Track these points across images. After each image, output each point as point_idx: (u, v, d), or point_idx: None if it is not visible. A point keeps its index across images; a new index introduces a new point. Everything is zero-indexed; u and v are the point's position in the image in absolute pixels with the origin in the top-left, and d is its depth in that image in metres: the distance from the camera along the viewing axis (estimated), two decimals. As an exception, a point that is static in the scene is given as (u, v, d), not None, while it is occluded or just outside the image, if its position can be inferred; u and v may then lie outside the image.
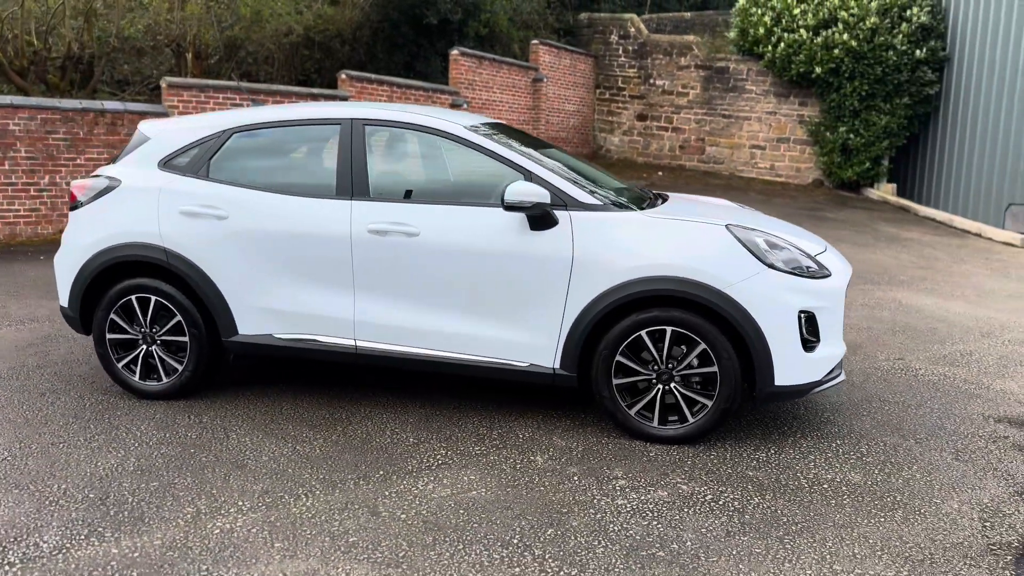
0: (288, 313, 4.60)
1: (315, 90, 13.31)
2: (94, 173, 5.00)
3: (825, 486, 3.82)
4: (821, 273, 4.22)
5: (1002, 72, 15.48)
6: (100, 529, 3.32)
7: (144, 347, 4.83)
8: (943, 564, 3.14)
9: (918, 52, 16.51)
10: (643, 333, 4.16)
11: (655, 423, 4.25)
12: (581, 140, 20.01)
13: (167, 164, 4.82)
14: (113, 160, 5.39)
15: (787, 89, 18.11)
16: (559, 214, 4.24)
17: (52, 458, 4.00)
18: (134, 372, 4.86)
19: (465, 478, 3.83)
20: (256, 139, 4.85)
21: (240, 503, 3.57)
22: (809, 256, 4.27)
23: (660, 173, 18.46)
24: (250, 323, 4.66)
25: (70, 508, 3.49)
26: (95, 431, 4.37)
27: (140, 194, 4.77)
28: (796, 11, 17.13)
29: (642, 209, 4.43)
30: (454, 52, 15.99)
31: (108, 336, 4.84)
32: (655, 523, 3.43)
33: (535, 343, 4.32)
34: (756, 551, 3.21)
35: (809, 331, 4.14)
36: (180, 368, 4.78)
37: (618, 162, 19.62)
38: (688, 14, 23.33)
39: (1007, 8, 15.38)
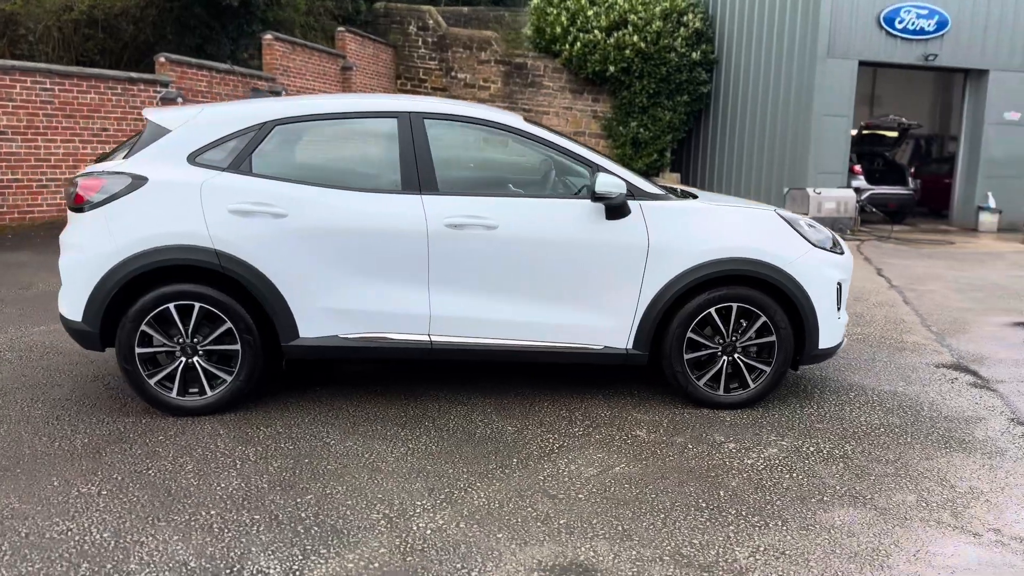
0: (355, 312, 4.47)
1: (133, 74, 12.17)
2: (104, 169, 4.46)
3: (881, 428, 4.52)
4: (841, 249, 4.92)
5: (756, 72, 17.82)
6: (310, 548, 3.15)
7: (183, 359, 4.43)
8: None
9: (694, 54, 18.47)
10: (712, 310, 4.60)
11: (721, 391, 4.72)
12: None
13: (198, 159, 4.44)
14: (104, 156, 4.84)
15: (582, 86, 19.39)
16: (631, 203, 4.55)
17: (170, 488, 3.63)
18: (170, 388, 4.44)
19: (595, 458, 4.05)
20: (301, 132, 4.62)
21: (419, 502, 3.52)
22: (831, 236, 4.96)
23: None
24: (313, 325, 4.46)
25: (251, 533, 3.24)
26: (181, 454, 3.98)
27: (176, 192, 4.36)
28: (590, 12, 18.39)
29: (694, 198, 4.87)
30: (267, 36, 15.30)
31: (137, 351, 4.37)
32: (794, 474, 3.90)
33: (609, 326, 4.60)
34: (885, 481, 3.78)
35: (838, 300, 4.84)
36: (229, 379, 4.46)
37: (422, 153, 19.77)
38: (465, 8, 23.87)
39: (759, 16, 17.70)
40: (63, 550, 3.09)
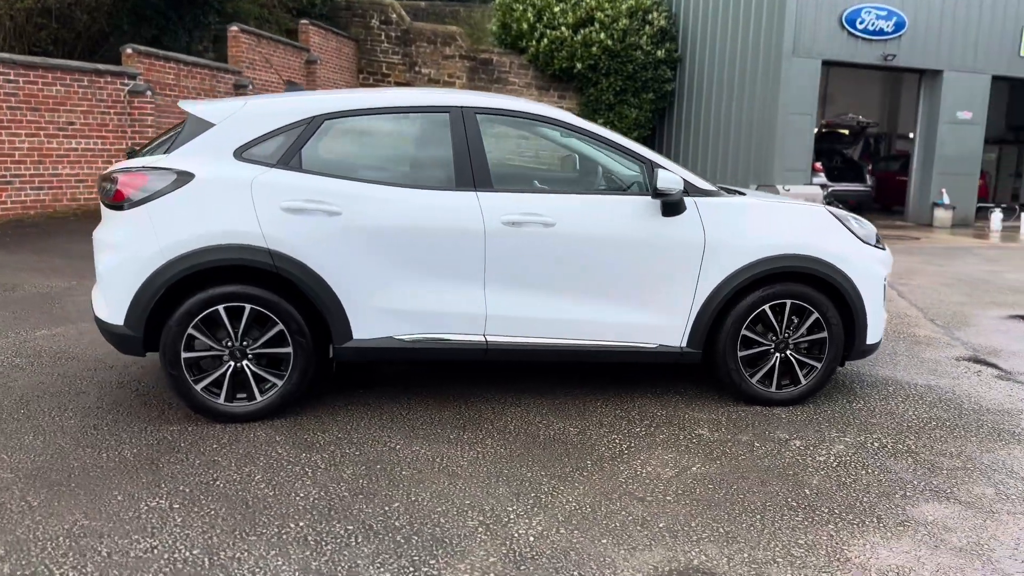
0: (411, 312, 4.34)
1: (100, 65, 11.69)
2: (145, 165, 4.23)
3: (932, 422, 4.58)
4: (883, 244, 4.97)
5: (720, 70, 18.07)
6: (418, 558, 3.02)
7: (232, 364, 4.24)
8: None
9: (659, 52, 18.62)
10: (766, 307, 4.61)
11: (773, 388, 4.73)
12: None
13: (244, 154, 4.25)
14: (139, 151, 4.61)
15: (548, 83, 19.37)
16: (685, 200, 4.52)
17: (245, 499, 3.46)
18: (218, 394, 4.25)
19: (667, 458, 4.00)
20: (351, 127, 4.47)
21: (509, 508, 3.41)
22: (875, 232, 5.00)
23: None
24: (367, 326, 4.32)
25: (351, 545, 3.10)
26: (244, 463, 3.80)
27: (226, 189, 4.17)
28: (556, 8, 18.39)
29: (741, 194, 4.86)
30: (233, 28, 14.89)
31: (183, 355, 4.17)
32: (869, 470, 3.91)
33: (664, 324, 4.57)
34: (958, 475, 3.82)
35: (884, 296, 4.89)
36: (280, 383, 4.28)
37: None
38: (423, 3, 23.63)
39: (722, 16, 17.95)
40: (155, 569, 2.91)
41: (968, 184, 18.34)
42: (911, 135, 24.43)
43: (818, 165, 18.02)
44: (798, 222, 4.72)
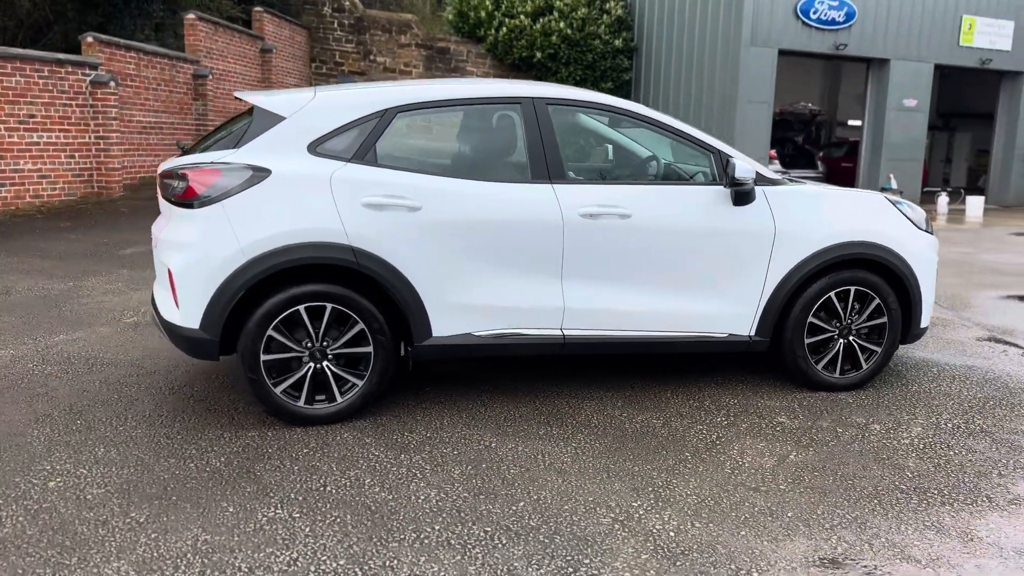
0: (489, 308, 4.28)
1: (60, 55, 11.13)
2: (215, 160, 4.04)
3: (989, 401, 4.74)
4: (932, 229, 5.10)
5: (678, 60, 18.31)
6: (572, 558, 2.99)
7: (312, 365, 4.11)
8: None
9: (617, 42, 18.76)
10: (832, 294, 4.69)
11: (836, 374, 4.82)
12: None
13: (319, 148, 4.10)
14: (190, 147, 4.41)
15: (507, 72, 19.30)
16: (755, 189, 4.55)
17: (368, 505, 3.35)
18: (297, 397, 4.12)
19: (760, 447, 4.04)
20: (422, 119, 4.37)
21: (634, 503, 3.39)
22: (926, 217, 5.12)
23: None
24: (447, 323, 4.23)
25: (500, 547, 3.03)
26: (347, 467, 3.69)
27: (305, 185, 4.02)
28: (515, -3, 18.31)
29: (801, 182, 4.93)
30: (190, 16, 14.39)
31: (263, 358, 4.02)
32: (956, 450, 4.02)
33: (734, 313, 4.61)
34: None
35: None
36: (360, 383, 4.17)
37: (341, 139, 19.16)
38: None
39: (679, 5, 18.18)
40: (308, 583, 2.80)
41: (914, 169, 19.04)
42: (850, 122, 25.24)
43: (773, 153, 18.44)
44: (860, 209, 4.81)
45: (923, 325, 4.93)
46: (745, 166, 4.37)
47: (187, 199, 3.96)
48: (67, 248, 8.69)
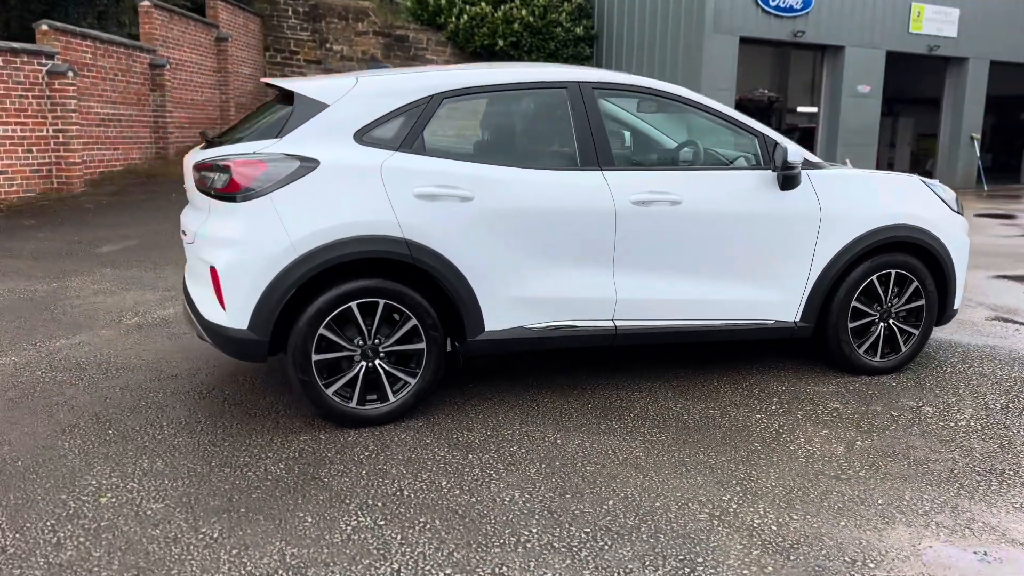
0: (541, 300, 4.15)
1: (15, 44, 10.55)
2: (259, 151, 3.81)
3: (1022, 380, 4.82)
4: (962, 210, 5.13)
5: (640, 47, 18.34)
6: (680, 558, 2.90)
7: (364, 364, 3.93)
8: None
9: (578, 29, 18.68)
10: (874, 278, 4.68)
11: (878, 357, 4.82)
12: (255, 106, 18.62)
13: (366, 136, 3.91)
14: (215, 140, 4.18)
15: (466, 60, 19.05)
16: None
17: (453, 508, 3.20)
18: (349, 397, 3.93)
19: (824, 435, 3.99)
20: (470, 105, 4.20)
21: (724, 497, 3.32)
22: (957, 198, 5.14)
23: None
24: (499, 317, 4.09)
25: (613, 548, 2.93)
26: (417, 470, 3.52)
27: (355, 176, 3.82)
28: (476, -16, 18.07)
29: (837, 166, 4.90)
30: (145, 3, 13.82)
31: (314, 358, 3.83)
32: (1013, 429, 4.05)
33: (781, 300, 4.57)
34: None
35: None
36: (413, 381, 4.01)
37: (299, 130, 18.69)
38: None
39: (652, -5, 18.21)
40: (419, 595, 2.65)
41: (868, 154, 19.44)
42: (799, 109, 25.66)
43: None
44: (899, 191, 4.80)
45: (956, 307, 4.97)
46: (796, 150, 4.32)
47: (230, 192, 3.73)
48: (38, 247, 8.24)
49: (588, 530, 3.05)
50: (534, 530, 3.04)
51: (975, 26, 20.21)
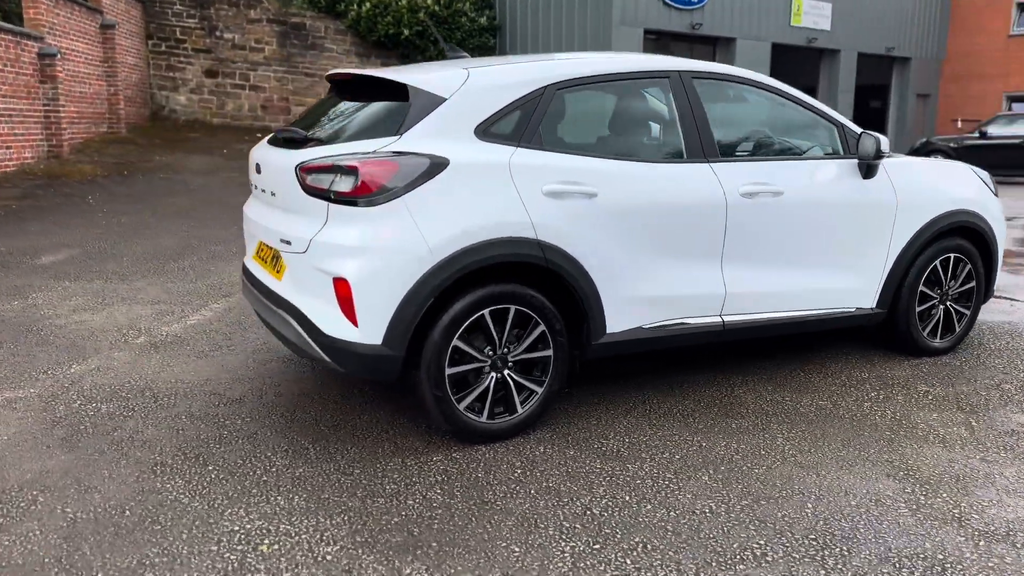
0: (656, 298, 4.02)
1: None
2: (392, 150, 3.44)
3: (1064, 356, 5.12)
4: (996, 191, 5.35)
5: (546, 38, 18.42)
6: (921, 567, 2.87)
7: (493, 375, 3.67)
8: None
9: (482, 19, 18.53)
10: (937, 263, 4.84)
11: (938, 339, 5.00)
12: (142, 99, 17.38)
13: (487, 132, 3.64)
14: (280, 138, 3.82)
15: (369, 50, 18.51)
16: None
17: (674, 525, 3.02)
18: (479, 411, 3.67)
19: (936, 418, 4.04)
20: (578, 97, 3.99)
21: (913, 489, 3.33)
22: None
23: (259, 135, 17.24)
24: (620, 318, 3.93)
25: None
26: (561, 479, 3.31)
27: (486, 174, 3.55)
28: (378, -29, 17.54)
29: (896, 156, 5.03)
30: (28, -14, 12.48)
31: (448, 371, 3.55)
32: (1095, 404, 4.30)
33: (861, 287, 4.64)
34: None
35: (999, 245, 5.32)
36: (540, 390, 3.79)
37: (190, 124, 17.69)
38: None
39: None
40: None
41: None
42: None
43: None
44: (956, 178, 4.98)
45: (994, 287, 5.21)
46: (885, 139, 4.39)
47: (358, 195, 3.36)
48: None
49: (813, 537, 2.95)
50: (761, 542, 2.92)
51: (846, 20, 21.52)
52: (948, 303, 4.95)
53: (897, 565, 2.77)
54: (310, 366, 4.69)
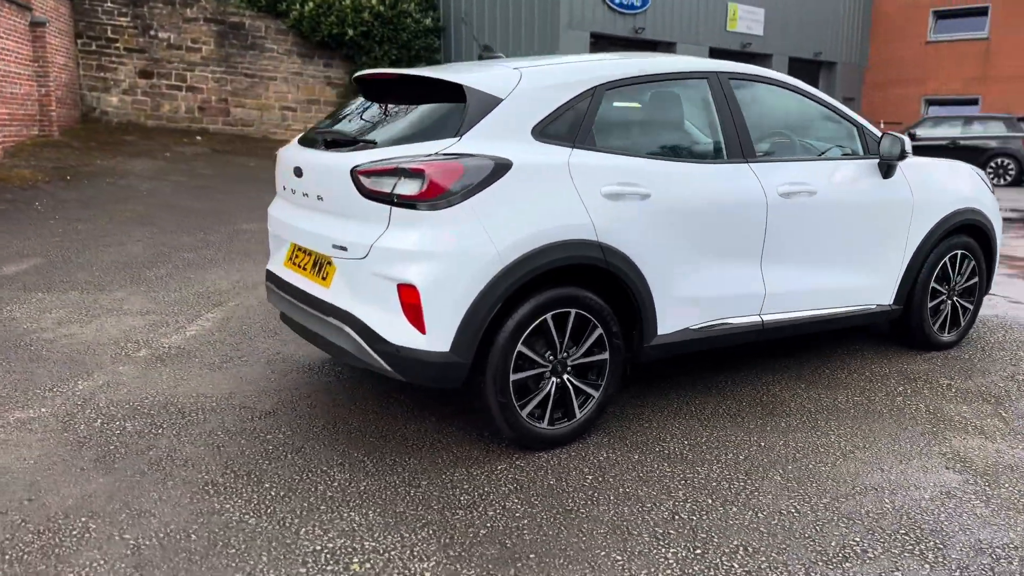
0: (702, 298, 4.02)
1: None
2: (459, 152, 3.33)
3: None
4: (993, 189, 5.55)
5: (491, 41, 18.39)
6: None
7: (554, 380, 3.61)
8: None
9: (427, 20, 18.37)
10: (947, 259, 5.00)
11: (946, 333, 5.16)
12: (72, 100, 16.62)
13: (543, 132, 3.58)
14: (311, 137, 3.71)
15: (312, 50, 18.13)
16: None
17: (768, 530, 3.02)
18: (539, 417, 3.60)
19: (968, 410, 4.15)
20: (625, 97, 3.96)
21: (977, 481, 3.41)
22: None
23: (199, 137, 16.70)
24: (670, 320, 3.92)
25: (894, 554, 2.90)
26: (637, 484, 3.28)
27: (548, 176, 3.48)
28: (322, -30, 17.21)
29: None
30: (-44, -20, 11.76)
31: (512, 377, 3.47)
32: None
33: (880, 284, 4.75)
34: None
35: (987, 239, 5.51)
36: (596, 394, 3.74)
37: (123, 127, 17.00)
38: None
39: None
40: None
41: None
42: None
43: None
44: (960, 177, 5.14)
45: (992, 283, 5.41)
46: (907, 140, 4.50)
47: (423, 198, 3.25)
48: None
49: (903, 532, 2.99)
50: (856, 538, 2.93)
51: (777, 25, 22.15)
52: (955, 298, 5.10)
53: (994, 556, 2.82)
54: (334, 374, 4.53)
